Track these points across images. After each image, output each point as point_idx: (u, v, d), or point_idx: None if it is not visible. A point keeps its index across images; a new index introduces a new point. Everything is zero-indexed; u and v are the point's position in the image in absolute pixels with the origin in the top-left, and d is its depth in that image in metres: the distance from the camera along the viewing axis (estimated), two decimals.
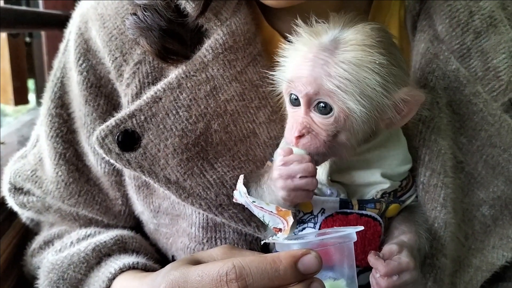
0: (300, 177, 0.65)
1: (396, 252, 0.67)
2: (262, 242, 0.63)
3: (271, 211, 0.64)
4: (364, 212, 0.71)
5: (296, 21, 0.69)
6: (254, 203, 0.66)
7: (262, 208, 0.65)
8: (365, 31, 0.65)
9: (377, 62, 0.64)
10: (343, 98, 0.64)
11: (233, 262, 0.55)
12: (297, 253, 0.56)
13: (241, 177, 0.70)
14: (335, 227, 0.68)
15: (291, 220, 0.63)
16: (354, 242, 0.66)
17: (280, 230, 0.64)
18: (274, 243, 0.67)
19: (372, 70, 0.64)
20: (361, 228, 0.61)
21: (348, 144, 0.68)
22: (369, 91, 0.64)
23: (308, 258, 0.56)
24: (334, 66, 0.64)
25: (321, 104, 0.65)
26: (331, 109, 0.65)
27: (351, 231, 0.61)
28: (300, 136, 0.66)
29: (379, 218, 0.71)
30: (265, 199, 0.68)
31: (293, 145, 0.67)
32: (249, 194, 0.68)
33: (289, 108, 0.70)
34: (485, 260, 0.82)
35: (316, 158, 0.68)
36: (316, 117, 0.66)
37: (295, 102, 0.68)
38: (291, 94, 0.68)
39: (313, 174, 0.65)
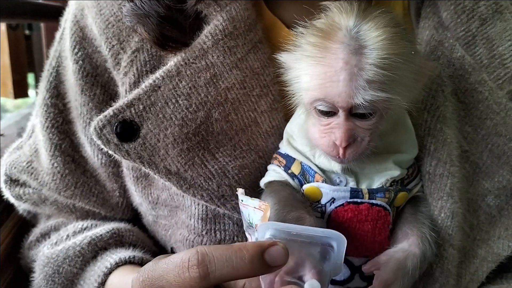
0: None
1: (381, 263, 0.66)
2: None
3: (254, 207, 0.63)
4: (374, 201, 0.69)
5: (296, 14, 0.65)
6: (242, 202, 0.65)
7: (248, 205, 0.64)
8: (383, 22, 0.61)
9: (408, 52, 0.61)
10: (387, 97, 0.60)
11: (197, 249, 0.54)
12: (264, 243, 0.55)
13: (241, 191, 0.68)
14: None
15: (268, 212, 0.61)
16: (365, 232, 0.66)
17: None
18: None
19: (407, 60, 0.61)
20: (344, 241, 0.58)
21: (380, 133, 0.66)
22: (407, 80, 0.62)
23: (275, 249, 0.55)
24: (372, 69, 0.59)
25: (363, 110, 0.61)
26: (373, 112, 0.62)
27: (336, 236, 0.58)
28: (346, 147, 0.63)
29: (388, 207, 0.70)
30: None
31: (337, 157, 0.64)
32: None
33: (318, 118, 0.65)
34: (490, 250, 0.81)
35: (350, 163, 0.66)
36: (358, 121, 0.63)
37: (327, 112, 0.63)
38: (322, 106, 0.63)
39: None
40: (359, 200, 0.69)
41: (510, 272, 0.84)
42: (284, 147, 0.75)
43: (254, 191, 0.74)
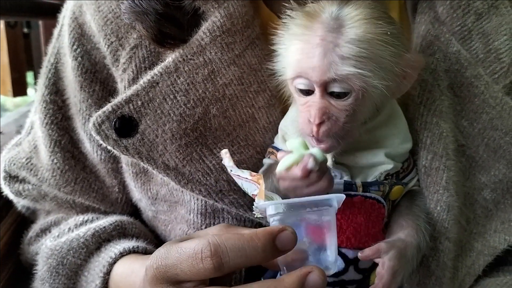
0: (308, 186, 0.62)
1: (383, 251, 0.66)
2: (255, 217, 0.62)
3: (246, 178, 0.63)
4: (368, 194, 0.70)
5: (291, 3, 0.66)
6: (231, 172, 0.64)
7: (239, 176, 0.63)
8: (364, 5, 0.63)
9: (388, 33, 0.62)
10: (362, 77, 0.61)
11: (209, 240, 0.54)
12: (274, 230, 0.55)
13: (225, 151, 0.67)
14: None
15: (263, 183, 0.61)
16: (358, 225, 0.66)
17: (256, 195, 0.62)
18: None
19: (385, 41, 0.62)
20: (343, 196, 0.59)
21: (361, 121, 0.66)
22: (385, 63, 0.63)
23: (285, 234, 0.55)
24: (346, 46, 0.61)
25: (338, 88, 0.62)
26: (348, 91, 0.63)
27: (334, 196, 0.59)
28: (319, 124, 0.63)
29: (383, 200, 0.71)
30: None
31: (311, 136, 0.64)
32: None
33: (298, 98, 0.67)
34: (487, 244, 0.81)
35: (330, 146, 0.66)
36: (333, 101, 0.64)
37: (306, 91, 0.65)
38: (298, 84, 0.65)
39: (319, 179, 0.62)
40: (352, 193, 0.69)
41: (507, 265, 0.85)
42: (279, 143, 0.76)
43: None
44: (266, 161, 0.76)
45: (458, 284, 0.80)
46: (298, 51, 0.64)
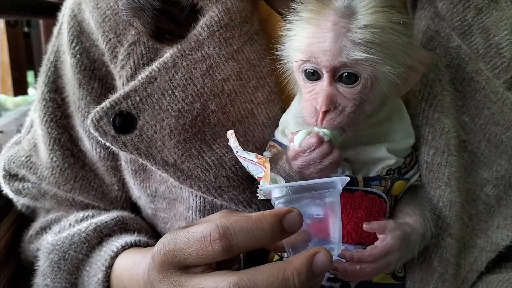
0: (321, 160, 0.63)
1: (389, 229, 0.66)
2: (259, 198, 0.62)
3: (252, 160, 0.63)
4: (369, 189, 0.69)
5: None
6: (237, 153, 0.65)
7: (245, 158, 0.64)
8: None
9: (401, 22, 0.62)
10: (373, 63, 0.61)
11: (217, 223, 0.54)
12: (281, 211, 0.56)
13: (231, 132, 0.67)
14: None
15: (268, 166, 0.62)
16: (359, 220, 0.66)
17: (262, 178, 0.63)
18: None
19: (398, 30, 0.62)
20: (347, 178, 0.59)
21: (367, 113, 0.66)
22: (396, 52, 0.62)
23: (292, 216, 0.56)
24: (359, 31, 0.60)
25: (346, 74, 0.62)
26: (357, 78, 0.62)
27: (336, 179, 0.59)
28: (325, 112, 0.63)
29: (384, 195, 0.70)
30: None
31: (315, 124, 0.64)
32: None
33: (304, 84, 0.66)
34: (489, 240, 0.81)
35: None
36: (341, 88, 0.63)
37: (313, 76, 0.64)
38: (307, 69, 0.64)
39: (331, 150, 0.63)
40: (353, 188, 0.69)
41: (509, 262, 0.84)
42: (279, 137, 0.75)
43: (251, 182, 0.74)
44: (266, 154, 0.75)
45: (461, 281, 0.79)
46: (309, 35, 0.63)
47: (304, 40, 0.63)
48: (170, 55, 0.74)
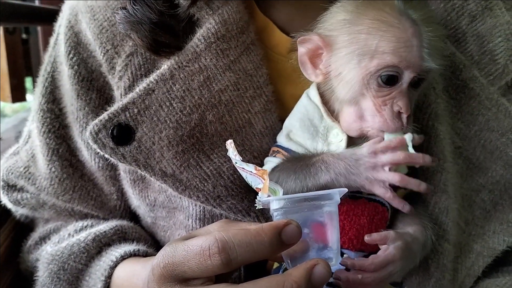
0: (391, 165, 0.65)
1: (390, 239, 0.66)
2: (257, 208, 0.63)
3: (251, 171, 0.63)
4: (372, 196, 0.70)
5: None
6: (236, 164, 0.65)
7: (244, 169, 0.64)
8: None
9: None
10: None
11: (216, 236, 0.55)
12: (280, 224, 0.56)
13: (230, 141, 0.66)
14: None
15: (267, 177, 0.62)
16: (361, 226, 0.67)
17: (260, 189, 0.63)
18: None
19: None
20: (345, 189, 0.60)
21: None
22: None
23: (291, 228, 0.56)
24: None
25: (417, 79, 0.67)
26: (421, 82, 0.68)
27: (334, 191, 0.60)
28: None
29: (387, 203, 0.70)
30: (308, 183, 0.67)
31: (401, 128, 0.67)
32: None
33: (377, 88, 0.66)
34: (486, 245, 0.81)
35: None
36: (411, 92, 0.67)
37: (391, 81, 0.66)
38: (388, 73, 0.65)
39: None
40: (357, 194, 0.69)
41: (506, 266, 0.85)
42: (283, 141, 0.75)
43: (250, 191, 0.75)
44: (269, 159, 0.75)
45: (458, 286, 0.80)
46: (393, 39, 0.65)
47: (389, 44, 0.65)
48: (168, 67, 0.75)
